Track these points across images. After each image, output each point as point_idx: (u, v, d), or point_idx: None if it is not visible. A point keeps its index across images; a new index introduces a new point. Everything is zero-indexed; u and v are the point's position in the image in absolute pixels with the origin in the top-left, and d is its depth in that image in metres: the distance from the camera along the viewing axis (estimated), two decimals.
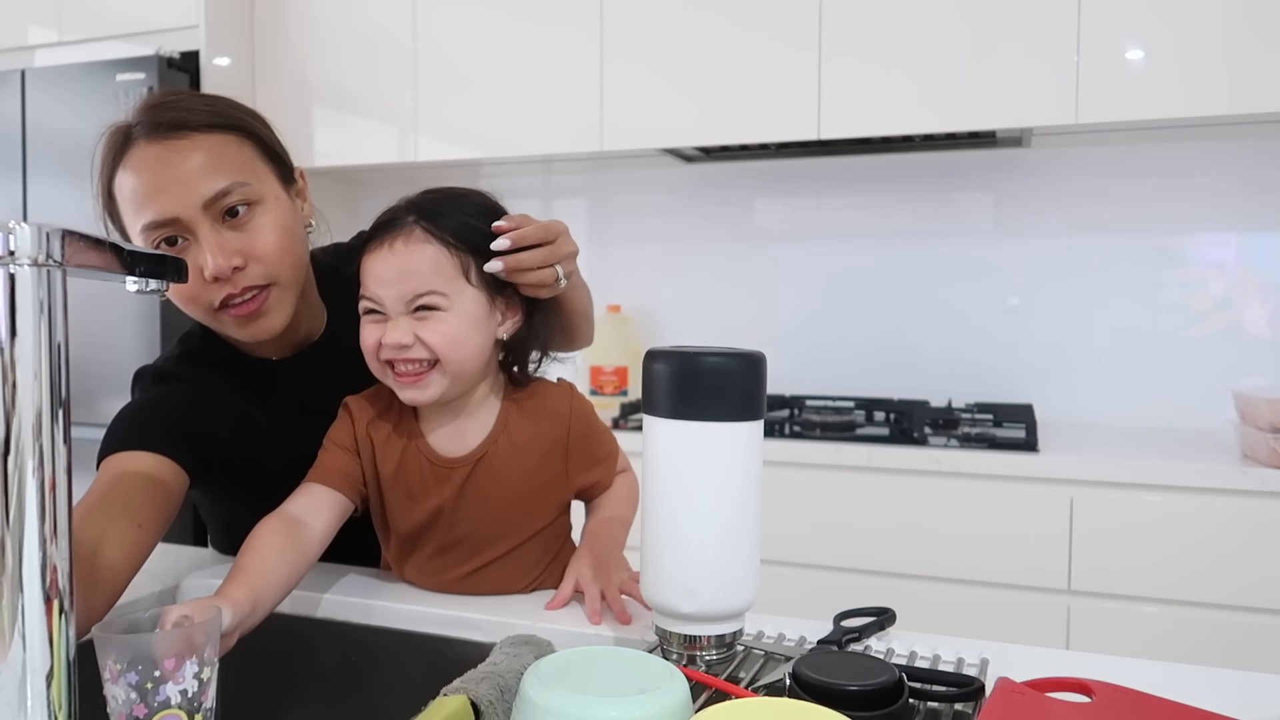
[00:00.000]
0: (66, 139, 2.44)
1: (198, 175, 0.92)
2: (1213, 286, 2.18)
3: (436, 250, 0.90)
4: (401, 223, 0.91)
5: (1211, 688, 0.76)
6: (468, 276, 0.91)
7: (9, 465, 0.49)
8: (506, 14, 2.39)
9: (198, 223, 0.92)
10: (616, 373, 2.47)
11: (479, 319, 0.92)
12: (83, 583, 0.80)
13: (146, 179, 0.93)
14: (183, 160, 0.92)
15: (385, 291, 0.90)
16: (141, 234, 0.95)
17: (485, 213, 0.95)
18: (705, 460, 0.75)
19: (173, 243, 0.93)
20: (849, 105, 2.11)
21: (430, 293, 0.89)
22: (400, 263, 0.89)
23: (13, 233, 0.49)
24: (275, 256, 0.96)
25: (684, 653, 0.78)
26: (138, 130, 0.95)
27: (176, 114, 0.94)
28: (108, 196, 0.99)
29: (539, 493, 1.00)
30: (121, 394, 1.08)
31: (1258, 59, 1.83)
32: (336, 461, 0.98)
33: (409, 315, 0.90)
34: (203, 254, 0.92)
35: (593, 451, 1.03)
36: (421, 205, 0.93)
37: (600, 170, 2.70)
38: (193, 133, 0.93)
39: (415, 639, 0.96)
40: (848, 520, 1.91)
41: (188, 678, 0.63)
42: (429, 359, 0.90)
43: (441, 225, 0.91)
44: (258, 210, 0.95)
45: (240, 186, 0.94)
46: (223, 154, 0.94)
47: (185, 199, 0.92)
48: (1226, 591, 1.69)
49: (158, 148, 0.93)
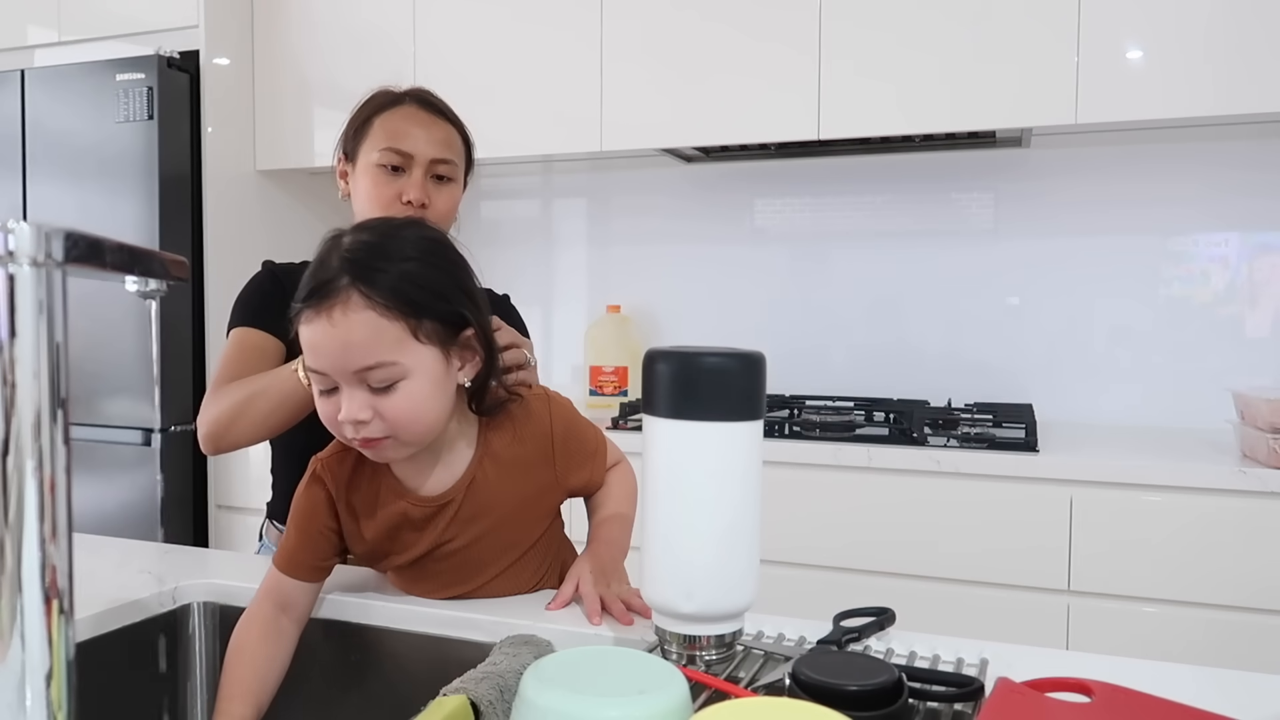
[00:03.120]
0: (66, 139, 2.44)
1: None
2: (1212, 286, 2.18)
3: (377, 319, 0.82)
4: (336, 287, 0.82)
5: (1211, 688, 0.76)
6: (416, 335, 0.84)
7: (9, 465, 0.49)
8: (506, 14, 2.39)
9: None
10: (616, 373, 2.47)
11: (438, 377, 0.86)
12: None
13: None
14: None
15: (330, 365, 0.84)
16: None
17: (426, 253, 0.87)
18: (705, 460, 0.75)
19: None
20: (848, 105, 2.11)
21: (378, 365, 0.83)
22: (341, 336, 0.82)
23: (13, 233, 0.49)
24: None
25: (684, 653, 0.78)
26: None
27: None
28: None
29: (532, 504, 0.99)
30: (121, 394, 1.08)
31: (1257, 59, 1.83)
32: (305, 554, 0.95)
33: (363, 388, 0.84)
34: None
35: (579, 450, 1.01)
36: (355, 261, 0.83)
37: (600, 170, 2.70)
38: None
39: (415, 639, 0.96)
40: (847, 520, 1.91)
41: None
42: (384, 435, 0.85)
43: (379, 285, 0.82)
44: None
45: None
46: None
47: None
48: (1226, 591, 1.69)
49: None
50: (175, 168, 2.40)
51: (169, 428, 2.38)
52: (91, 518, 2.38)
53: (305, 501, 0.95)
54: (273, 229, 2.67)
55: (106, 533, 1.39)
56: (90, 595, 0.99)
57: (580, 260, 2.73)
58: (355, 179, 1.26)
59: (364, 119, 1.26)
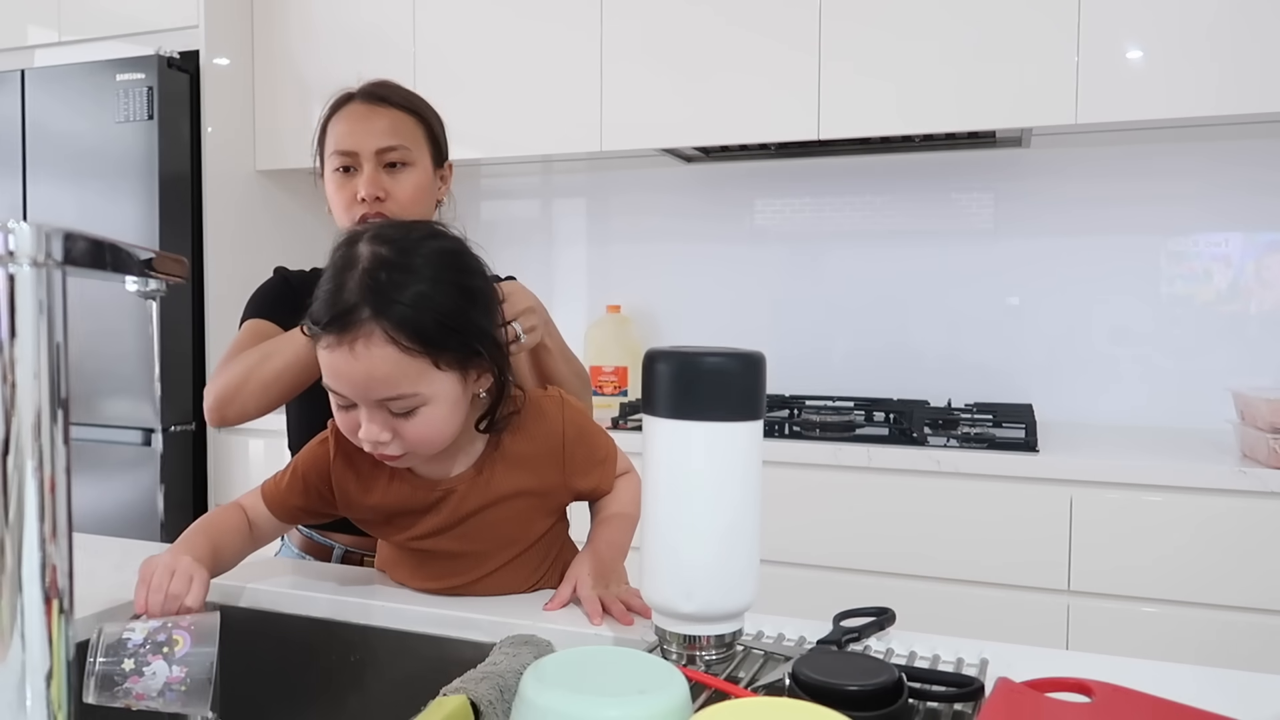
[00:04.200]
0: (66, 139, 2.44)
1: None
2: (1212, 286, 2.18)
3: (399, 354, 0.83)
4: (357, 319, 0.83)
5: (1211, 688, 0.76)
6: (437, 365, 0.86)
7: (9, 465, 0.49)
8: (506, 14, 2.39)
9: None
10: (616, 373, 2.47)
11: (456, 398, 0.89)
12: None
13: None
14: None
15: (351, 392, 0.86)
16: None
17: (443, 270, 0.87)
18: (705, 460, 0.75)
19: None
20: (848, 105, 2.11)
21: (399, 397, 0.85)
22: (364, 369, 0.83)
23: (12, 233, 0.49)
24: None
25: (683, 653, 0.78)
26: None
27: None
28: None
29: (535, 502, 0.99)
30: (121, 394, 1.09)
31: (1257, 59, 1.83)
32: (294, 498, 1.00)
33: (383, 411, 0.86)
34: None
35: (590, 456, 1.02)
36: (375, 290, 0.83)
37: (600, 170, 2.70)
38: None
39: (415, 639, 0.96)
40: (847, 520, 1.91)
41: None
42: (401, 452, 0.89)
43: (400, 321, 0.83)
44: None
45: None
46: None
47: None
48: (1226, 591, 1.69)
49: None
50: (175, 168, 2.40)
51: (169, 428, 2.38)
52: (91, 518, 2.38)
53: (312, 455, 1.00)
54: (272, 229, 2.67)
55: (106, 533, 1.39)
56: (90, 595, 0.99)
57: (580, 260, 2.73)
58: (325, 184, 1.27)
59: (322, 125, 1.27)
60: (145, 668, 0.77)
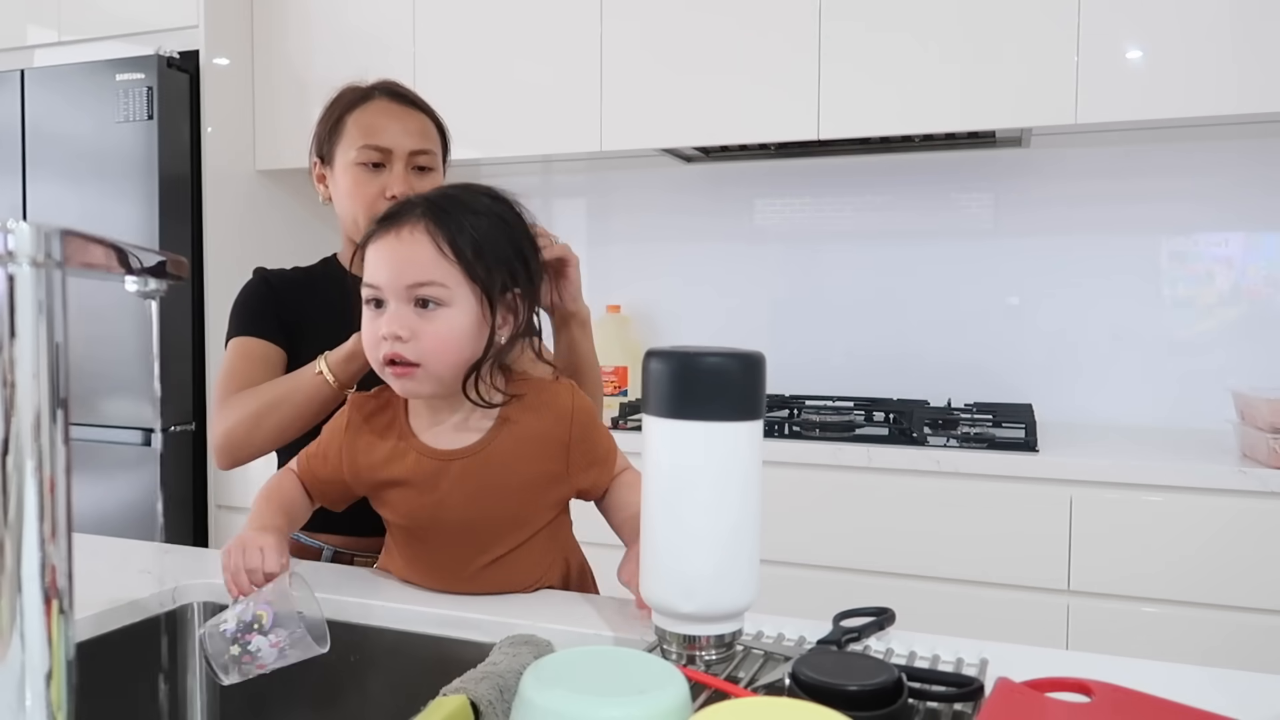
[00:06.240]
0: (66, 139, 2.44)
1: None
2: (1213, 286, 2.18)
3: (437, 251, 0.91)
4: (408, 215, 0.92)
5: (1211, 688, 0.76)
6: (469, 277, 0.92)
7: (8, 465, 0.49)
8: (506, 14, 2.39)
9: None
10: (616, 373, 2.47)
11: (477, 320, 0.93)
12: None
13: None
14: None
15: (386, 278, 0.91)
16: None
17: (498, 216, 0.96)
18: (705, 460, 0.75)
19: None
20: (848, 105, 2.11)
21: (431, 283, 0.90)
22: (405, 251, 0.91)
23: (12, 232, 0.49)
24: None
25: (683, 653, 0.78)
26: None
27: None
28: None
29: (540, 488, 1.00)
30: (121, 394, 1.09)
31: (1257, 58, 1.83)
32: (322, 467, 1.03)
33: (409, 307, 0.91)
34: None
35: (593, 451, 1.02)
36: (433, 201, 0.94)
37: (600, 170, 2.70)
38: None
39: (415, 639, 0.96)
40: (847, 520, 1.91)
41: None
42: (416, 361, 0.91)
43: (447, 227, 0.91)
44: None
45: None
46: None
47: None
48: (1226, 592, 1.69)
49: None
50: (175, 168, 2.40)
51: (169, 428, 2.38)
52: (91, 518, 2.38)
53: (330, 427, 1.04)
54: (272, 229, 2.67)
55: (106, 533, 1.39)
56: (90, 595, 0.99)
57: (580, 260, 2.73)
58: (334, 180, 1.25)
59: (336, 118, 1.25)
60: (249, 647, 0.85)
